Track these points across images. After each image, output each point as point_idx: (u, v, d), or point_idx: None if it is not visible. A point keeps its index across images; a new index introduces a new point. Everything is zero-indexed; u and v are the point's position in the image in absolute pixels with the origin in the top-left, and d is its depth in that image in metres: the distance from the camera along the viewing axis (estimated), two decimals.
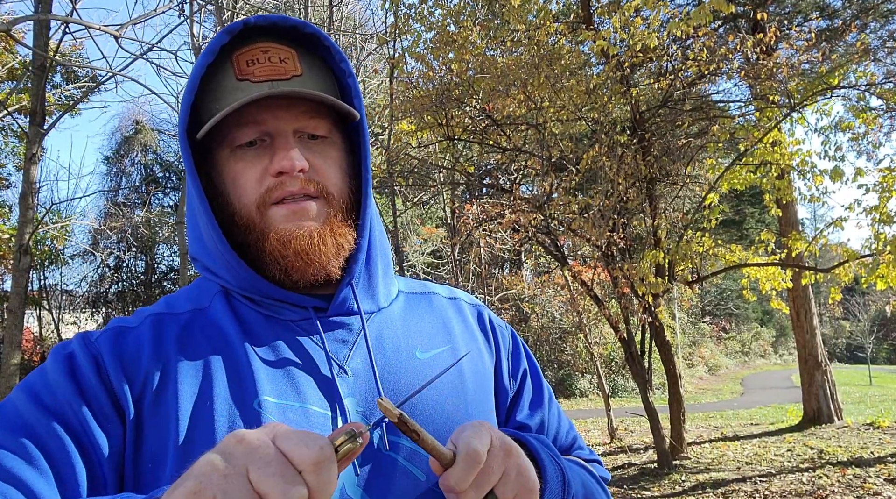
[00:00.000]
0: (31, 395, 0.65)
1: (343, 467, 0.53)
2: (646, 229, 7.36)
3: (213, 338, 0.72)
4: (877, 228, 6.48)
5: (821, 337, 10.31)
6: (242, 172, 0.73)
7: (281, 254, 0.71)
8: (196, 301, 0.77)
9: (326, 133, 0.76)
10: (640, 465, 7.92)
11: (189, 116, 0.75)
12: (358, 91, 0.79)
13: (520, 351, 0.91)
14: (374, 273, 0.81)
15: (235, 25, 0.73)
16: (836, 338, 41.06)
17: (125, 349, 0.69)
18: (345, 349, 0.74)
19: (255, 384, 0.68)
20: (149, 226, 18.00)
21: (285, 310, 0.75)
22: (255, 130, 0.73)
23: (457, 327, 0.85)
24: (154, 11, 4.97)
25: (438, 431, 0.72)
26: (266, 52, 0.73)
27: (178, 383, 0.67)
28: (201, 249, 0.78)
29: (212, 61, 0.73)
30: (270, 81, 0.72)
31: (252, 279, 0.73)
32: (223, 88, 0.73)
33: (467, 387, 0.78)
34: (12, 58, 9.65)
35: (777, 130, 7.09)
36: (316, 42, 0.78)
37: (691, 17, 5.15)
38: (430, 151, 8.43)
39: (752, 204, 19.31)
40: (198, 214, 0.75)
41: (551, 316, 18.10)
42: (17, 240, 4.82)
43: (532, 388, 0.89)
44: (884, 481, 6.03)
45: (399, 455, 0.70)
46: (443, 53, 6.56)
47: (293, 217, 0.72)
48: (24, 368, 6.81)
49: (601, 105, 6.55)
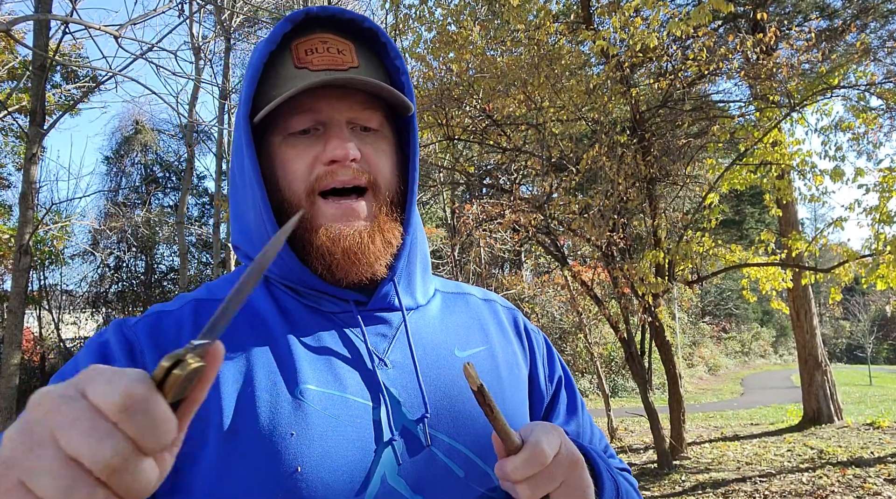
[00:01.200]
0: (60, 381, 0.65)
1: (188, 397, 0.43)
2: (646, 229, 7.36)
3: (255, 325, 0.72)
4: (877, 228, 6.48)
5: (821, 337, 10.31)
6: (295, 158, 0.73)
7: (329, 251, 0.72)
8: None
9: (378, 126, 0.77)
10: (640, 465, 7.92)
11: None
12: (410, 88, 0.80)
13: (554, 357, 0.91)
14: (414, 270, 0.81)
15: (297, 14, 0.74)
16: (836, 338, 41.07)
17: (163, 332, 0.70)
18: (384, 343, 0.75)
19: (296, 372, 0.68)
20: (149, 226, 18.00)
21: (327, 302, 0.75)
22: (309, 118, 0.73)
23: (493, 329, 0.85)
24: (154, 11, 4.97)
25: (478, 433, 0.73)
26: (325, 42, 0.74)
27: (220, 369, 0.67)
28: (245, 237, 0.78)
29: (273, 49, 0.74)
30: (328, 71, 0.73)
31: (298, 270, 0.73)
32: (282, 75, 0.74)
33: (504, 389, 0.79)
34: (12, 58, 9.66)
35: (777, 129, 7.09)
36: (372, 37, 0.78)
37: (691, 16, 5.15)
38: (430, 151, 8.44)
39: (752, 204, 19.32)
40: (249, 200, 0.74)
41: (551, 316, 18.10)
42: (17, 240, 4.82)
43: (567, 395, 0.89)
44: (884, 481, 6.03)
45: (439, 450, 0.70)
46: (443, 53, 6.55)
47: (343, 217, 0.72)
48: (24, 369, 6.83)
49: (601, 105, 6.54)
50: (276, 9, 12.43)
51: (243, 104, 0.74)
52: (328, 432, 0.66)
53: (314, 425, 0.65)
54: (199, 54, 12.20)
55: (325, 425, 0.66)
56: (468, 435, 0.72)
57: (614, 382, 18.96)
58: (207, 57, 13.00)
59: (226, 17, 12.11)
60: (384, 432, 0.69)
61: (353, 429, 0.67)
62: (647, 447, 9.00)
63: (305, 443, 0.64)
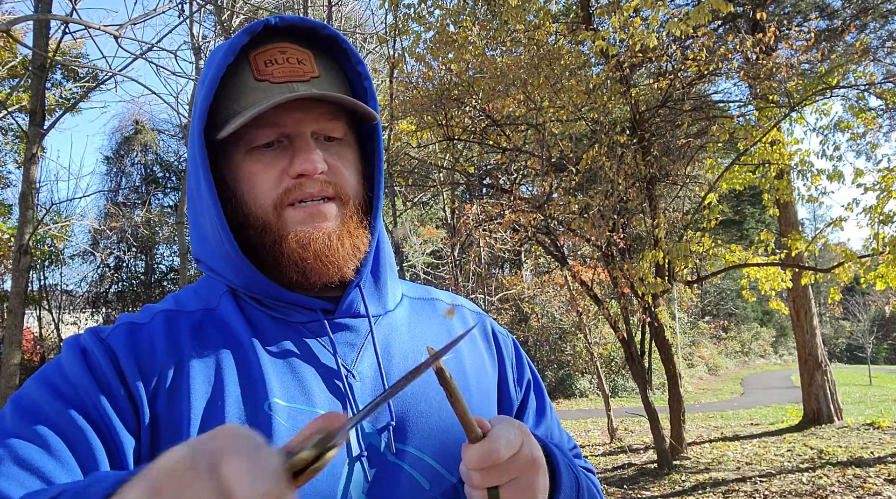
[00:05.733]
0: (48, 386, 0.64)
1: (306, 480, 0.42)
2: (646, 229, 7.36)
3: (226, 338, 0.72)
4: (876, 228, 6.48)
5: (821, 337, 10.31)
6: (260, 172, 0.72)
7: (300, 256, 0.71)
8: (205, 301, 0.76)
9: (342, 135, 0.76)
10: (639, 465, 7.92)
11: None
12: (373, 93, 0.79)
13: (523, 360, 0.91)
14: (382, 275, 0.81)
15: (256, 26, 0.72)
16: (836, 338, 41.08)
17: (139, 346, 0.69)
18: (352, 352, 0.75)
19: (265, 386, 0.68)
20: (149, 226, 18.00)
21: (293, 312, 0.74)
22: (273, 132, 0.72)
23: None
24: (154, 11, 4.98)
25: (445, 443, 0.72)
26: (284, 52, 0.73)
27: (191, 381, 0.67)
28: (205, 250, 0.77)
29: (231, 61, 0.73)
30: (290, 83, 0.72)
31: (260, 281, 0.73)
32: (241, 88, 0.72)
33: (472, 393, 0.79)
34: (12, 57, 9.66)
35: (776, 129, 7.10)
36: (332, 44, 0.78)
37: (690, 16, 5.15)
38: (430, 151, 8.44)
39: (752, 204, 19.32)
40: (206, 214, 0.74)
41: (551, 316, 18.09)
42: (17, 240, 4.82)
43: (536, 399, 0.89)
44: (884, 481, 6.03)
45: (404, 462, 0.70)
46: (442, 53, 6.55)
47: (311, 219, 0.72)
48: (24, 368, 6.81)
49: (601, 105, 6.55)
50: (276, 9, 12.45)
51: (198, 119, 0.72)
52: None
53: (282, 442, 0.63)
54: (199, 54, 12.21)
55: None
56: (434, 446, 0.72)
57: (614, 382, 18.95)
58: (207, 57, 13.00)
59: (226, 17, 12.12)
60: (352, 446, 0.69)
61: None
62: (647, 447, 9.00)
63: None
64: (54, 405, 0.62)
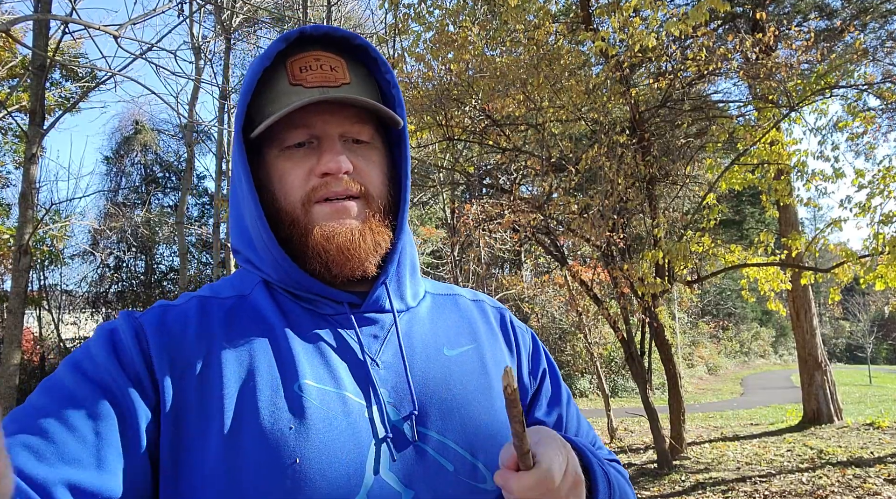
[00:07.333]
0: (73, 365, 0.69)
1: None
2: (645, 229, 7.36)
3: (257, 322, 0.76)
4: (876, 228, 6.48)
5: (820, 337, 10.31)
6: (290, 170, 0.78)
7: (324, 248, 0.76)
8: (239, 289, 0.81)
9: (369, 138, 0.81)
10: (639, 465, 7.92)
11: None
12: (401, 101, 0.84)
13: (539, 352, 0.95)
14: (404, 274, 0.85)
15: (292, 33, 0.78)
16: (835, 338, 41.10)
17: (170, 324, 0.73)
18: (376, 343, 0.79)
19: (296, 367, 0.72)
20: (149, 226, 18.01)
21: (322, 304, 0.79)
22: (304, 133, 0.78)
23: (481, 328, 0.90)
24: (154, 11, 4.97)
25: (466, 428, 0.76)
26: (318, 59, 0.79)
27: (223, 363, 0.71)
28: (244, 243, 0.82)
29: (267, 66, 0.78)
30: (322, 87, 0.77)
31: (294, 273, 0.77)
32: (277, 92, 0.78)
33: (493, 386, 0.82)
34: (12, 57, 9.66)
35: (776, 129, 7.09)
36: (364, 53, 0.83)
37: (689, 16, 5.15)
38: (430, 151, 8.44)
39: (752, 204, 19.32)
40: (246, 209, 0.79)
41: (551, 316, 18.11)
42: (16, 240, 4.82)
43: (550, 387, 0.93)
44: (883, 481, 6.03)
45: (428, 446, 0.74)
46: (442, 53, 6.55)
47: (336, 215, 0.77)
48: (24, 369, 6.82)
49: (601, 105, 6.55)
50: (276, 9, 12.45)
51: (238, 119, 0.79)
52: (325, 426, 0.69)
53: (312, 420, 0.69)
54: (199, 54, 12.22)
55: (323, 420, 0.70)
56: (456, 430, 0.76)
57: (614, 382, 18.96)
58: (207, 57, 13.00)
59: (226, 17, 12.12)
60: (377, 428, 0.72)
61: (349, 424, 0.71)
62: (647, 447, 9.00)
63: (304, 436, 0.68)
64: (76, 381, 0.67)
